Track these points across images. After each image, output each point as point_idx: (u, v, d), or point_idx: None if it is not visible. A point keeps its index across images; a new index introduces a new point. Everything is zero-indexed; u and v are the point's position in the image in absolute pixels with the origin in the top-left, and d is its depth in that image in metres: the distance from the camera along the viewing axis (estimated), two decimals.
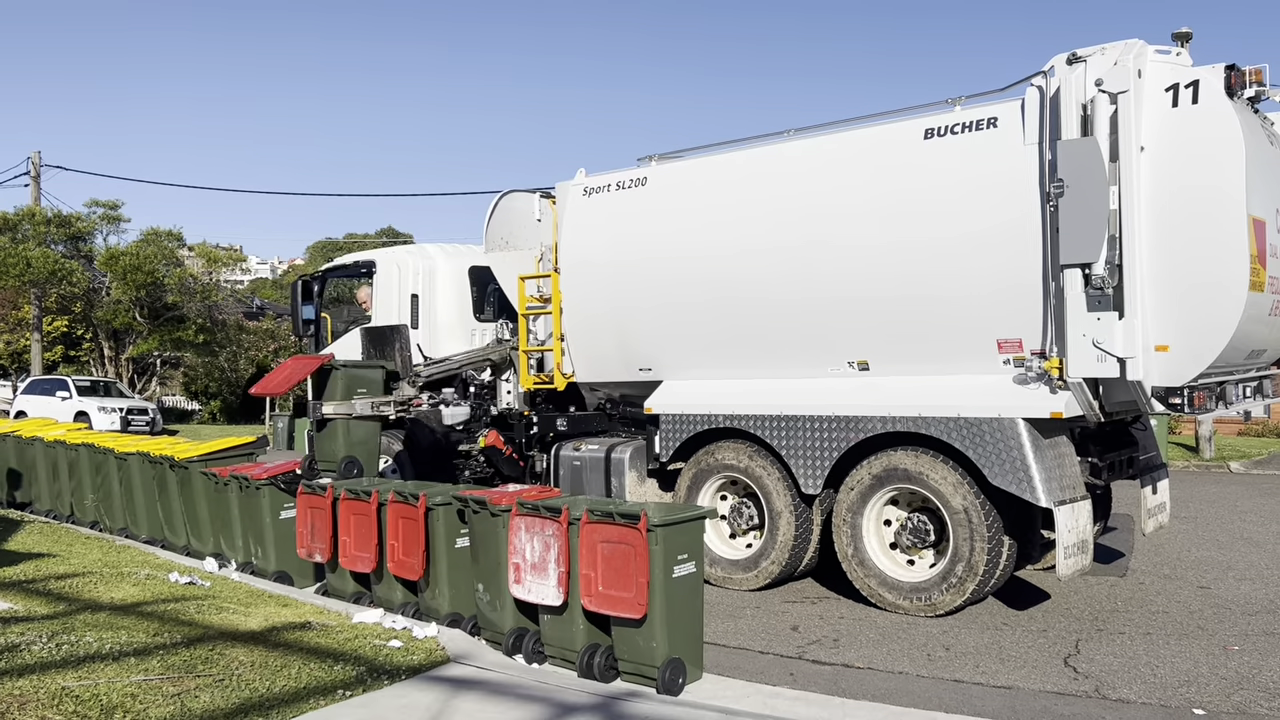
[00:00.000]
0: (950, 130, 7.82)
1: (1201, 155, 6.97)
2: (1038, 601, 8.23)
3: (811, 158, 8.60)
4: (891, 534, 8.18)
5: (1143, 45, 7.22)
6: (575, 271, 10.06)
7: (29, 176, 34.48)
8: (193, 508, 9.93)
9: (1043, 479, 7.25)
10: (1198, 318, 7.02)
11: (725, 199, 9.02)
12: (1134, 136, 7.05)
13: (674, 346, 9.45)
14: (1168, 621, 7.56)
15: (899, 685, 6.19)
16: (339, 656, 6.04)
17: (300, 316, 12.78)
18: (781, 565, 8.62)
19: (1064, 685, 6.13)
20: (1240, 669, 6.38)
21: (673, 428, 9.35)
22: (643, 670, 5.78)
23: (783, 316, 8.64)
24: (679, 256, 9.22)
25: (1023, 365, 7.51)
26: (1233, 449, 21.93)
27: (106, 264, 36.09)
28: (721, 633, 7.40)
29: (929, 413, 7.77)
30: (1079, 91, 7.21)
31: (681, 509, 6.13)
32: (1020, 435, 7.35)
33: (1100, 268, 7.04)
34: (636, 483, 9.69)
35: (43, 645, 6.04)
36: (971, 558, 7.56)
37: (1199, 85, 7.01)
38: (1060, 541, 7.20)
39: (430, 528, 7.14)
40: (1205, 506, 13.76)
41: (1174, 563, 9.74)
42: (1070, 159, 7.09)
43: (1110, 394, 7.44)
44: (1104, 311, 7.10)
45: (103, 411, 29.56)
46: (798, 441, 8.49)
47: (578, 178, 10.20)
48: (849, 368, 8.41)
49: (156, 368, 42.20)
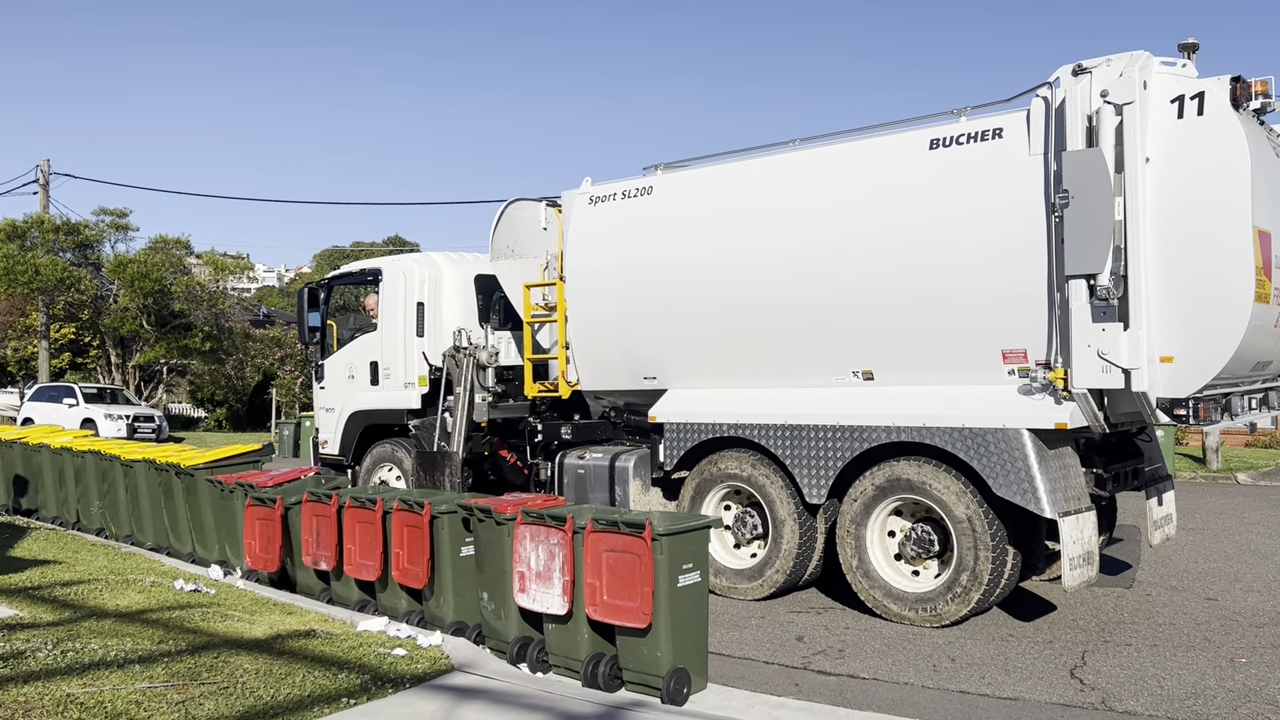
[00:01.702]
0: (955, 141, 7.82)
1: (1207, 167, 6.96)
2: (1043, 613, 8.20)
3: (817, 168, 8.60)
4: (896, 544, 8.15)
5: (1148, 57, 7.22)
6: (580, 279, 10.07)
7: (38, 184, 34.63)
8: (198, 515, 9.95)
9: (1047, 490, 7.23)
10: (1203, 329, 7.00)
11: (731, 208, 9.03)
12: (1139, 148, 7.05)
13: (679, 355, 9.45)
14: (1175, 633, 7.52)
15: (904, 696, 6.16)
16: (343, 665, 6.04)
17: (306, 323, 12.79)
18: (785, 575, 8.60)
19: (1070, 697, 6.10)
20: (1248, 681, 6.34)
21: (677, 436, 9.34)
22: (647, 680, 5.77)
23: (787, 326, 8.64)
24: (684, 265, 9.23)
25: (1027, 376, 7.51)
26: (1240, 460, 21.86)
27: (114, 272, 36.21)
28: (726, 642, 7.38)
29: (933, 423, 7.76)
30: (1084, 103, 7.21)
31: (686, 518, 6.13)
32: (1025, 446, 7.34)
33: (1105, 279, 7.03)
34: (640, 491, 9.68)
35: (48, 652, 6.05)
36: (976, 568, 7.53)
37: (1204, 97, 7.01)
38: (1065, 553, 7.19)
39: (435, 536, 7.14)
40: (1212, 518, 13.70)
41: (1181, 574, 9.70)
42: (1075, 170, 7.10)
43: (1115, 405, 7.43)
44: (1109, 322, 7.09)
45: (109, 418, 29.61)
46: (802, 451, 8.48)
47: (583, 186, 10.23)
48: (853, 377, 8.40)
49: (163, 375, 42.28)
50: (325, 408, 12.64)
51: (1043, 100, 7.46)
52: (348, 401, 12.26)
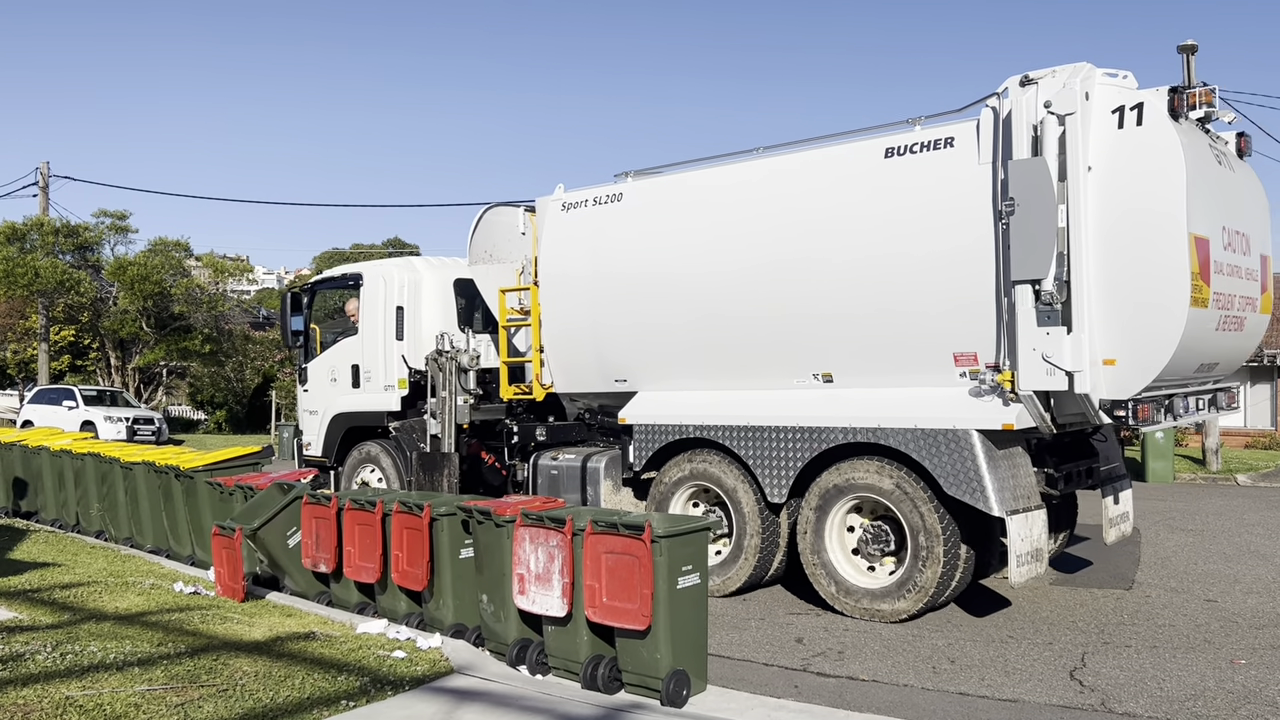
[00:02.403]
0: (910, 150, 8.01)
1: (1144, 175, 7.19)
2: (1043, 615, 8.20)
3: (779, 176, 8.81)
4: (855, 540, 8.36)
5: (1090, 68, 7.42)
6: (554, 284, 10.23)
7: (37, 187, 34.62)
8: (198, 517, 9.95)
9: (995, 489, 7.44)
10: (1142, 333, 7.22)
11: (696, 215, 9.23)
12: (1081, 157, 7.26)
13: (647, 358, 9.65)
14: (1174, 635, 7.52)
15: (904, 698, 6.16)
16: (343, 667, 6.04)
17: (289, 328, 12.95)
18: (750, 571, 8.79)
19: (1070, 699, 6.10)
20: (1247, 683, 6.34)
21: (645, 437, 9.54)
22: (647, 682, 5.77)
23: (750, 330, 8.84)
24: (652, 270, 9.43)
25: (977, 378, 7.72)
26: (1240, 461, 21.88)
27: (114, 274, 36.25)
28: (726, 644, 7.39)
29: (888, 424, 7.97)
30: (1030, 113, 7.42)
31: (686, 520, 6.13)
32: (974, 446, 7.54)
33: (1049, 284, 7.25)
34: (611, 491, 9.90)
35: (47, 655, 6.05)
36: (928, 565, 7.75)
37: (1143, 107, 7.23)
38: (1013, 550, 7.40)
39: (435, 538, 7.14)
40: (1212, 519, 13.71)
41: (1180, 575, 9.71)
42: (1020, 178, 7.31)
43: (1061, 406, 7.62)
44: (1053, 326, 7.30)
45: (109, 421, 29.62)
46: (763, 451, 8.67)
47: (556, 193, 10.39)
48: (814, 380, 8.61)
49: (163, 377, 42.29)
50: (309, 410, 12.84)
51: (991, 110, 7.67)
52: (330, 404, 12.44)
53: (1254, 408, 29.86)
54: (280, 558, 8.41)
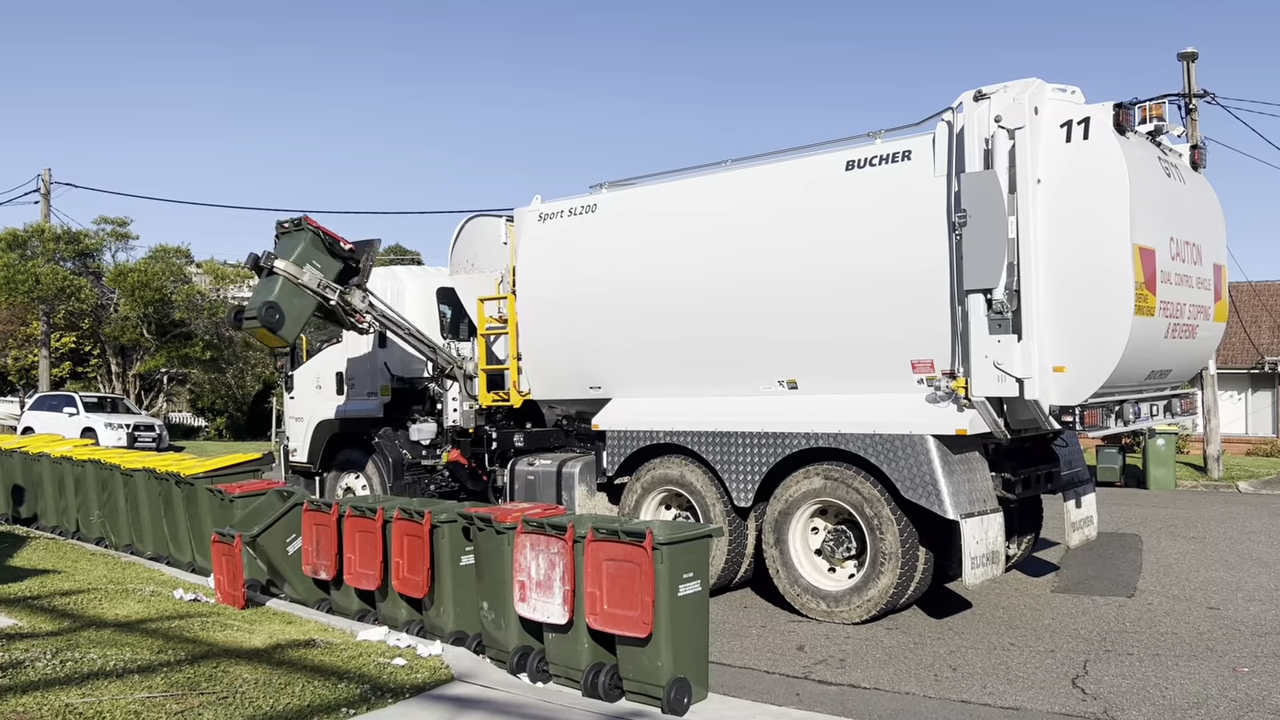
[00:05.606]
0: (869, 162, 8.17)
1: (1090, 188, 7.36)
2: (1045, 622, 8.19)
3: (745, 188, 8.95)
4: (819, 541, 8.49)
5: (1040, 84, 7.59)
6: (530, 294, 10.35)
7: (39, 194, 34.65)
8: (198, 524, 9.93)
9: (950, 492, 7.58)
10: (1089, 341, 7.37)
11: (666, 226, 9.36)
12: (1030, 170, 7.44)
13: (620, 366, 9.76)
14: (1176, 642, 7.51)
15: (905, 706, 6.15)
16: (343, 675, 6.03)
17: None
18: (718, 573, 8.87)
19: (1072, 707, 6.08)
20: (1250, 691, 6.33)
21: (618, 443, 9.67)
22: (648, 690, 5.76)
23: (719, 337, 8.96)
24: (624, 280, 9.54)
25: (934, 385, 7.87)
26: (1241, 469, 21.86)
27: (115, 280, 36.23)
28: (727, 652, 7.37)
29: (848, 429, 8.13)
30: (982, 127, 7.59)
31: (687, 528, 6.12)
32: (929, 451, 7.69)
33: (1000, 293, 7.44)
34: (586, 496, 10.03)
35: (47, 662, 6.04)
36: (886, 568, 7.89)
37: (1089, 122, 7.40)
38: (967, 552, 7.54)
39: (435, 545, 7.13)
40: (1214, 526, 13.69)
41: (1182, 583, 9.69)
42: (972, 190, 7.49)
43: (1014, 412, 7.76)
44: (1004, 334, 7.48)
45: (109, 427, 29.59)
46: (730, 456, 8.83)
47: (534, 203, 10.49)
48: (779, 386, 8.74)
49: (163, 384, 42.30)
50: (294, 417, 12.99)
51: (946, 124, 7.81)
52: (315, 411, 12.58)
53: (1255, 415, 29.86)
54: (280, 565, 8.41)
